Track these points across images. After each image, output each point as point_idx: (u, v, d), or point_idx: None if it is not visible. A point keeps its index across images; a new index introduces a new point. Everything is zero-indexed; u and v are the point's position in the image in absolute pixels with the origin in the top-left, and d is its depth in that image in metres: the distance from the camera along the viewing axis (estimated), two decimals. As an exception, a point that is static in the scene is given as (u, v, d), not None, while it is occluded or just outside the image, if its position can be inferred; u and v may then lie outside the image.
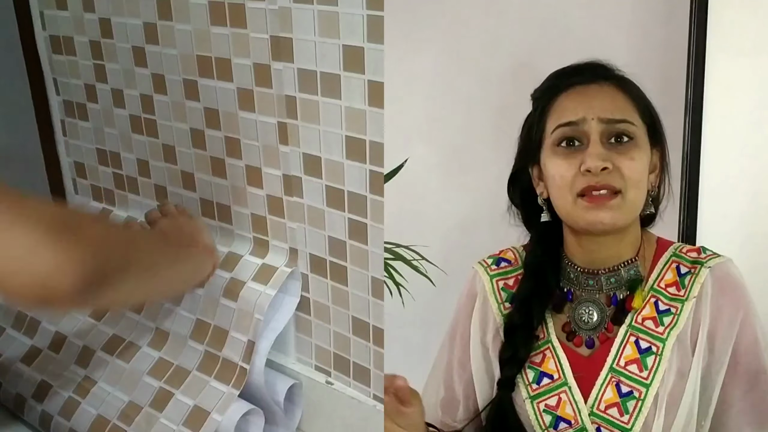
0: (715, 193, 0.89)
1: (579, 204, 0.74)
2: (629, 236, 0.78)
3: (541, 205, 0.81)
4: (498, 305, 0.84)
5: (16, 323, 1.27)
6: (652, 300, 0.77)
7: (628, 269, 0.78)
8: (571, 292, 0.80)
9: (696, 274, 0.76)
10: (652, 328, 0.76)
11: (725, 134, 0.88)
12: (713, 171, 0.89)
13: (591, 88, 0.77)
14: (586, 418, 0.76)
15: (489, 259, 0.87)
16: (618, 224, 0.74)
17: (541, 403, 0.78)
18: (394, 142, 0.91)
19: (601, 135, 0.74)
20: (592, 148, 0.73)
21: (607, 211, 0.73)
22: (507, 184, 0.84)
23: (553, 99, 0.78)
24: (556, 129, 0.76)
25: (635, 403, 0.74)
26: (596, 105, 0.75)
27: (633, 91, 0.77)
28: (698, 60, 0.86)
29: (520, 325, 0.80)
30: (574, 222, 0.76)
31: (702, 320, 0.75)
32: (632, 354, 0.76)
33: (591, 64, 0.79)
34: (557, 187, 0.76)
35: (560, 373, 0.78)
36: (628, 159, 0.73)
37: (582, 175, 0.73)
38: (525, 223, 0.85)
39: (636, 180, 0.74)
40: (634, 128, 0.75)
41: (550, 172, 0.77)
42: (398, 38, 0.88)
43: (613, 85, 0.77)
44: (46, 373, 1.17)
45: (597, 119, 0.74)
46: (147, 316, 1.15)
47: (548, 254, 0.82)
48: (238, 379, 1.02)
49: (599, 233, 0.76)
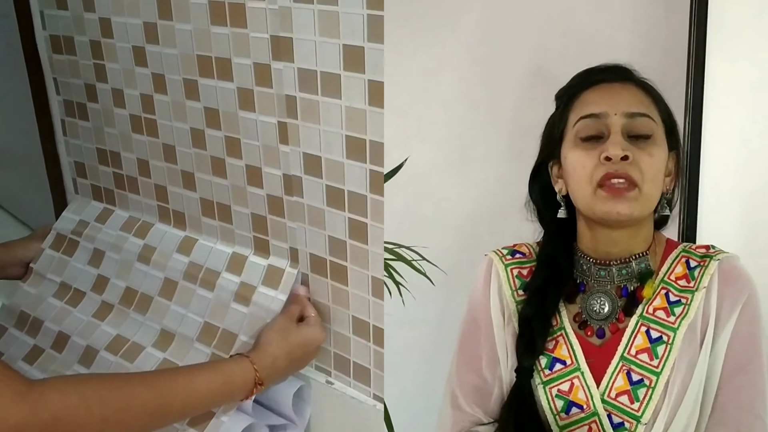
0: (715, 193, 0.90)
1: (598, 194, 0.76)
2: (642, 232, 0.80)
3: (560, 201, 0.83)
4: (512, 292, 0.85)
5: (19, 323, 1.27)
6: (663, 291, 0.79)
7: (639, 261, 0.80)
8: (583, 283, 0.82)
9: (705, 266, 0.78)
10: (663, 318, 0.77)
11: (725, 134, 0.88)
12: (713, 171, 0.89)
13: (614, 86, 0.79)
14: (599, 402, 0.77)
15: (504, 249, 0.88)
16: (634, 215, 0.75)
17: (553, 389, 0.79)
18: (394, 142, 0.91)
19: (622, 128, 0.76)
20: (613, 138, 0.75)
21: (624, 202, 0.74)
22: (528, 180, 0.86)
23: (577, 94, 0.80)
24: (578, 121, 0.78)
25: (645, 390, 0.76)
26: (618, 100, 0.77)
27: (654, 93, 0.80)
28: (698, 60, 0.86)
29: (535, 314, 0.81)
30: (591, 212, 0.77)
31: (710, 311, 0.76)
32: (643, 343, 0.77)
33: (617, 66, 0.81)
34: (577, 177, 0.77)
35: (573, 358, 0.80)
36: (647, 155, 0.75)
37: (602, 164, 0.75)
38: (541, 220, 0.86)
39: (652, 175, 0.76)
40: (654, 125, 0.77)
41: (571, 163, 0.78)
42: (398, 38, 0.88)
43: (636, 85, 0.79)
44: (48, 372, 1.17)
45: (619, 114, 0.76)
46: (152, 317, 1.16)
47: (562, 249, 0.84)
48: None
49: (615, 224, 0.77)
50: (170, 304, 1.14)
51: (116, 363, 1.14)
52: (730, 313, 0.76)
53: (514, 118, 0.96)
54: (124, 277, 1.21)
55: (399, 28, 0.87)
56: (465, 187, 0.98)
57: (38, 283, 1.30)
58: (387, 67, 0.86)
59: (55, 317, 1.25)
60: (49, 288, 1.29)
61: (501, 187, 0.95)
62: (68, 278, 1.28)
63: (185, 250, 1.16)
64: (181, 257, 1.16)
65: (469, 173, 0.99)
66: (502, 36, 0.94)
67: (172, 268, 1.16)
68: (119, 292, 1.21)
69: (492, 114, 0.97)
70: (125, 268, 1.22)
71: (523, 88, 0.95)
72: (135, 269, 1.20)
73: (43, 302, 1.27)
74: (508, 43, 0.94)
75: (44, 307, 1.27)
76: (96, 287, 1.25)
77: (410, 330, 1.01)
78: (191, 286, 1.13)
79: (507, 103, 0.96)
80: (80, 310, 1.24)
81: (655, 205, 0.78)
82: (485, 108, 0.96)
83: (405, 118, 0.93)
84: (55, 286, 1.29)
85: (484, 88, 0.96)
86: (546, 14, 0.92)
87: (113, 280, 1.23)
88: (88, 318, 1.22)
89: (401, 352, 1.01)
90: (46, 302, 1.27)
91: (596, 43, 0.90)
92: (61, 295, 1.27)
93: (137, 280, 1.19)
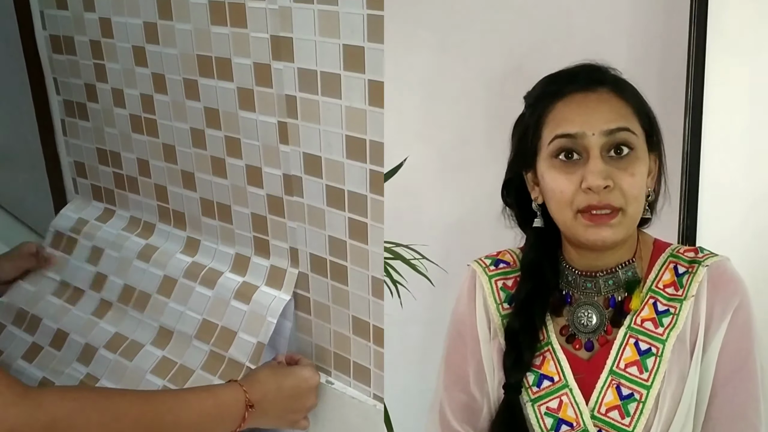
0: (715, 193, 0.89)
1: (579, 220, 0.73)
2: (627, 242, 0.78)
3: (535, 210, 0.80)
4: (497, 305, 0.83)
5: (17, 320, 1.27)
6: (651, 301, 0.77)
7: (625, 270, 0.78)
8: (569, 294, 0.80)
9: (694, 273, 0.76)
10: (651, 329, 0.76)
11: (725, 134, 0.88)
12: (713, 171, 0.89)
13: (589, 98, 0.75)
14: (588, 420, 0.75)
15: (487, 259, 0.86)
16: (618, 240, 0.74)
17: (542, 406, 0.78)
18: (394, 142, 0.91)
19: (601, 148, 0.73)
20: (592, 165, 0.72)
21: (607, 229, 0.72)
22: (501, 187, 0.84)
23: (549, 106, 0.77)
24: (554, 140, 0.75)
25: (636, 405, 0.74)
26: (595, 117, 0.73)
27: (630, 94, 0.76)
28: (698, 60, 0.86)
29: (522, 328, 0.79)
30: (574, 237, 0.75)
31: (700, 320, 0.74)
32: (632, 356, 0.75)
33: (585, 68, 0.77)
34: (556, 201, 0.75)
35: (560, 375, 0.78)
36: (628, 175, 0.72)
37: (583, 193, 0.72)
38: (520, 225, 0.84)
39: (636, 195, 0.73)
40: (635, 138, 0.74)
41: (549, 185, 0.75)
42: (398, 38, 0.88)
43: (610, 91, 0.75)
44: (47, 370, 1.17)
45: (597, 133, 0.73)
46: (150, 315, 1.16)
47: (546, 256, 0.81)
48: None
49: (600, 248, 0.75)
50: (168, 302, 1.14)
51: (115, 361, 1.14)
52: (721, 321, 0.74)
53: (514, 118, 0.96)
54: (122, 275, 1.22)
55: (399, 28, 0.87)
56: (464, 186, 0.98)
57: (37, 281, 1.30)
58: (387, 67, 0.86)
59: (54, 315, 1.25)
60: (48, 286, 1.29)
61: (500, 186, 0.95)
62: (67, 276, 1.28)
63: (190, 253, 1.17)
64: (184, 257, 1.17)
65: (468, 172, 0.99)
66: (502, 36, 0.94)
67: (172, 266, 1.16)
68: (118, 290, 1.21)
69: (491, 113, 0.97)
70: (124, 266, 1.22)
71: (522, 88, 0.95)
72: (134, 267, 1.20)
73: (42, 300, 1.28)
74: (507, 43, 0.94)
75: (43, 304, 1.27)
76: (95, 285, 1.25)
77: (410, 329, 1.01)
78: (191, 284, 1.13)
79: (506, 103, 0.96)
80: (79, 308, 1.24)
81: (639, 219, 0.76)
82: (485, 107, 0.96)
83: (405, 118, 0.93)
84: (54, 284, 1.29)
85: (484, 88, 0.96)
86: (546, 15, 0.92)
87: (112, 277, 1.23)
88: (87, 316, 1.22)
89: (401, 352, 1.01)
90: (45, 300, 1.27)
91: (596, 44, 0.90)
92: (60, 293, 1.28)
93: (136, 278, 1.20)
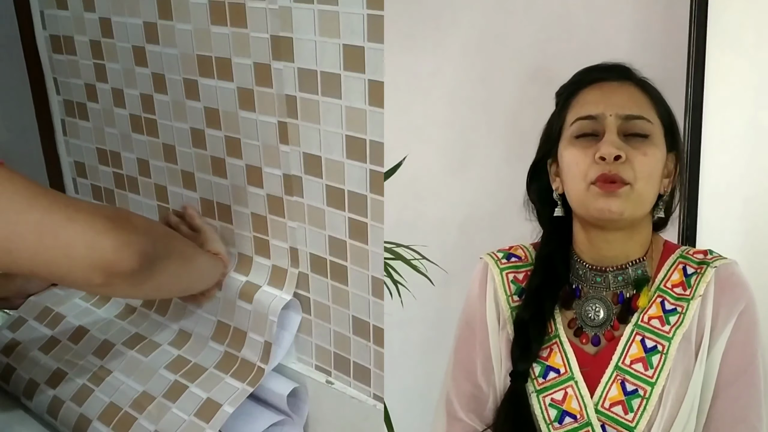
0: (715, 193, 0.89)
1: (591, 191, 0.75)
2: (638, 235, 0.79)
3: (556, 200, 0.82)
4: (507, 297, 0.84)
5: (41, 316, 1.28)
6: (659, 300, 0.78)
7: (635, 268, 0.79)
8: (579, 288, 0.81)
9: (702, 273, 0.77)
10: (658, 327, 0.77)
11: (725, 134, 0.88)
12: (713, 171, 0.89)
13: (612, 85, 0.78)
14: (592, 413, 0.76)
15: (499, 252, 0.87)
16: (625, 214, 0.75)
17: (546, 397, 0.79)
18: (394, 142, 0.91)
19: (618, 129, 0.76)
20: (607, 137, 0.75)
21: (615, 200, 0.74)
22: (526, 178, 0.85)
23: (575, 93, 0.80)
24: (575, 122, 0.78)
25: (640, 401, 0.75)
26: (616, 101, 0.77)
27: (653, 93, 0.79)
28: (698, 60, 0.86)
29: (531, 319, 0.81)
30: (584, 209, 0.77)
31: (706, 320, 0.75)
32: (638, 353, 0.76)
33: (617, 65, 0.80)
34: (572, 174, 0.77)
35: (567, 367, 0.79)
36: (641, 154, 0.75)
37: (596, 164, 0.75)
38: (539, 219, 0.86)
39: (647, 174, 0.75)
40: (651, 126, 0.76)
41: (566, 161, 0.78)
42: (398, 38, 0.88)
43: (634, 85, 0.79)
44: (62, 361, 1.18)
45: (615, 115, 0.76)
46: (171, 317, 1.17)
47: (559, 250, 0.83)
48: (255, 378, 1.04)
49: (609, 224, 0.77)
50: (187, 305, 1.15)
51: (130, 356, 1.15)
52: (726, 323, 0.75)
53: (514, 118, 0.96)
54: None
55: (399, 28, 0.87)
56: (465, 186, 0.99)
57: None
58: (387, 67, 0.86)
59: (78, 314, 1.26)
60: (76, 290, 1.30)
61: (500, 186, 0.95)
62: None
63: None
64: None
65: (468, 172, 0.99)
66: (502, 36, 0.94)
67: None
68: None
69: (491, 113, 0.97)
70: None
71: (522, 87, 0.95)
72: None
73: (69, 301, 1.29)
74: (507, 42, 0.94)
75: (69, 305, 1.29)
76: None
77: (410, 329, 1.01)
78: None
79: (506, 103, 0.96)
80: (105, 311, 1.26)
81: (650, 206, 0.77)
82: (485, 107, 0.96)
83: (405, 118, 0.93)
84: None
85: (484, 88, 0.96)
86: (546, 14, 0.92)
87: None
88: (110, 317, 1.24)
89: (401, 352, 1.01)
90: (72, 302, 1.29)
91: (596, 44, 0.90)
92: (88, 297, 1.30)
93: None
